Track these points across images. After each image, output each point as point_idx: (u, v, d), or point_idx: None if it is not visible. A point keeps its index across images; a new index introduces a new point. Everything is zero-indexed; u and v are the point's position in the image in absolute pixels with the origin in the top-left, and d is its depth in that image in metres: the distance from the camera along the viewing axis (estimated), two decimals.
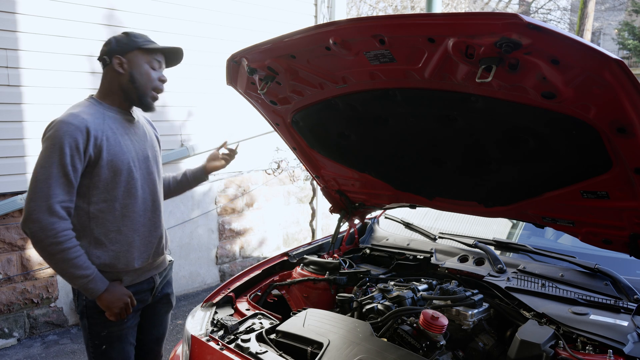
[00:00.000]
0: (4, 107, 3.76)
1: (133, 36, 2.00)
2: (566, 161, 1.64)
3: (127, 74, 1.98)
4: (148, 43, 2.01)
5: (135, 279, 2.06)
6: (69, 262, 1.84)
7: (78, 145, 1.84)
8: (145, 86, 2.00)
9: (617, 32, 16.31)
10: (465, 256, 2.25)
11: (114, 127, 1.97)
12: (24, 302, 3.99)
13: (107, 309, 1.94)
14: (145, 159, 2.08)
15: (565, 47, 1.26)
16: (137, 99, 2.02)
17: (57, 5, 3.94)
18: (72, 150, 1.83)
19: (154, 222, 2.09)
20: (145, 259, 2.06)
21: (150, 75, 2.01)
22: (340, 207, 2.70)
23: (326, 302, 2.24)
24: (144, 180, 2.05)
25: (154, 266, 2.15)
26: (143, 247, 2.05)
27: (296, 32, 1.69)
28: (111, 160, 1.92)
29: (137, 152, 2.04)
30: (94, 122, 1.90)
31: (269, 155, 5.60)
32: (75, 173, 1.86)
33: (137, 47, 1.98)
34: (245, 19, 5.16)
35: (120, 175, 1.95)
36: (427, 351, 1.66)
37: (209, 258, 5.25)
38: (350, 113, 1.98)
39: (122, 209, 1.98)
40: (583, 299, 1.80)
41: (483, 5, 19.00)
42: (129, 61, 1.98)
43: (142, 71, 1.99)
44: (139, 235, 2.03)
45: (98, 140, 1.89)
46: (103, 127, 1.93)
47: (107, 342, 2.03)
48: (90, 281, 1.88)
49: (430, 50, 1.47)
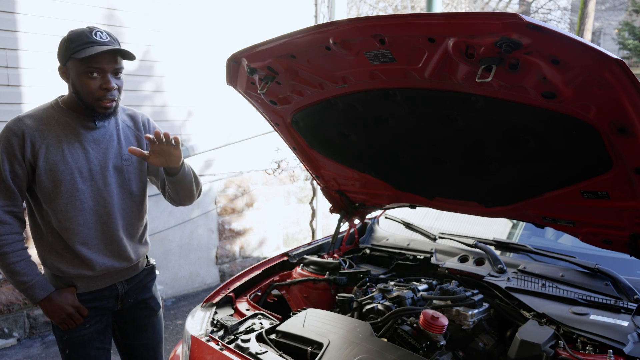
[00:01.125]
0: (4, 107, 3.76)
1: (69, 41, 1.79)
2: (566, 161, 1.64)
3: (71, 83, 1.86)
4: (81, 48, 1.77)
5: (91, 286, 2.00)
6: (7, 267, 1.84)
7: (14, 150, 1.80)
8: (87, 98, 1.83)
9: (618, 32, 16.31)
10: (466, 256, 2.25)
11: (62, 135, 1.86)
12: (24, 302, 3.99)
13: (48, 316, 1.93)
14: (103, 169, 1.94)
15: (566, 47, 1.26)
16: (85, 110, 1.88)
17: (57, 5, 3.94)
18: (9, 155, 1.79)
19: (108, 234, 1.98)
20: (100, 269, 1.97)
21: (89, 87, 1.81)
22: (340, 207, 2.70)
23: (326, 302, 2.24)
24: (96, 192, 1.93)
25: (116, 274, 2.06)
26: (98, 258, 1.96)
27: (296, 32, 1.69)
28: (50, 169, 1.83)
29: (90, 161, 1.91)
30: (35, 127, 1.82)
31: (269, 155, 5.60)
32: (16, 177, 1.81)
33: (70, 56, 1.79)
34: (245, 19, 5.16)
35: (60, 186, 1.85)
36: (427, 351, 1.66)
37: (209, 258, 5.25)
38: (350, 113, 1.98)
39: (65, 221, 1.89)
40: (583, 299, 1.80)
41: (483, 5, 19.00)
42: (69, 70, 1.84)
43: (82, 82, 1.81)
44: (90, 247, 1.94)
45: (36, 146, 1.82)
46: (46, 134, 1.83)
47: (69, 346, 2.00)
48: (29, 288, 1.86)
49: (430, 50, 1.47)
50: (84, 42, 1.77)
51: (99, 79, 1.82)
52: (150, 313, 2.23)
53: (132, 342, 2.22)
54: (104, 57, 1.80)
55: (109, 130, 1.98)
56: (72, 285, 1.97)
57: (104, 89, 1.83)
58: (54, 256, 1.94)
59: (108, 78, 1.83)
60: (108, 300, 2.07)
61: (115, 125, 2.01)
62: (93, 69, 1.80)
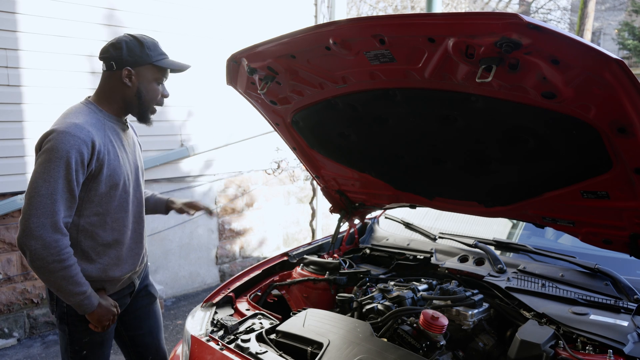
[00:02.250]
0: (4, 107, 3.76)
1: (147, 48, 1.88)
2: (566, 161, 1.64)
3: (135, 87, 1.90)
4: (161, 58, 1.91)
5: (118, 286, 2.03)
6: (69, 279, 1.76)
7: (84, 160, 1.75)
8: (150, 103, 1.95)
9: (617, 32, 16.32)
10: (465, 256, 2.25)
11: (114, 139, 1.90)
12: (24, 302, 3.99)
13: (97, 322, 1.89)
14: (136, 170, 2.02)
15: (566, 47, 1.26)
16: (138, 113, 1.97)
17: (57, 5, 3.94)
18: (77, 164, 1.73)
19: (139, 233, 2.05)
20: (130, 270, 2.03)
21: (156, 93, 1.94)
22: (340, 207, 2.70)
23: (326, 302, 2.24)
24: (134, 193, 2.01)
25: (136, 272, 2.12)
26: (130, 259, 2.02)
27: (296, 32, 1.69)
28: (110, 175, 1.86)
29: (130, 163, 1.98)
30: (97, 134, 1.81)
31: (269, 155, 5.60)
32: (78, 188, 1.78)
33: (149, 63, 1.88)
34: (245, 19, 5.16)
35: (116, 190, 1.89)
36: (427, 351, 1.66)
37: (209, 258, 5.25)
38: (350, 113, 1.98)
39: (113, 222, 1.92)
40: (583, 299, 1.80)
41: (483, 5, 19.00)
42: (138, 74, 1.89)
43: (150, 88, 1.92)
44: (126, 247, 1.99)
45: (101, 154, 1.81)
46: (105, 140, 1.85)
47: (89, 348, 1.98)
48: (86, 298, 1.82)
49: (430, 50, 1.47)
50: (161, 53, 1.93)
51: (161, 88, 1.98)
52: (151, 300, 2.27)
53: (136, 332, 2.23)
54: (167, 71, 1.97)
55: (131, 133, 2.08)
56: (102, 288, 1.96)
57: (164, 96, 2.00)
58: (87, 264, 1.89)
59: (165, 87, 2.00)
60: (126, 297, 2.11)
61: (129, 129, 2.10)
62: (164, 78, 1.96)
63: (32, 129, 3.90)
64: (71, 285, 1.77)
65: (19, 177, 3.86)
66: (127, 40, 1.88)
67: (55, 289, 1.81)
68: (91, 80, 4.19)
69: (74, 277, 1.77)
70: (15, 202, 3.84)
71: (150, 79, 1.91)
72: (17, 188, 3.86)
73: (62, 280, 1.76)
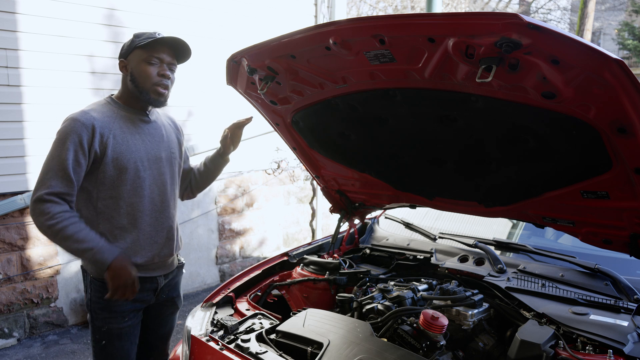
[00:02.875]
0: (4, 107, 3.76)
1: (136, 36, 2.03)
2: (566, 161, 1.64)
3: (129, 74, 2.03)
4: (146, 39, 2.00)
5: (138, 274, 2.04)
6: (70, 238, 1.87)
7: (82, 142, 1.90)
8: (144, 83, 2.02)
9: (617, 32, 16.32)
10: (465, 256, 2.25)
11: (124, 127, 2.02)
12: (24, 302, 3.99)
13: (112, 280, 1.92)
14: (157, 160, 2.11)
15: (566, 47, 1.26)
16: (140, 97, 2.05)
17: (57, 5, 3.94)
18: (75, 146, 1.89)
19: (161, 222, 2.11)
20: (149, 258, 2.07)
21: (147, 72, 2.01)
22: (340, 207, 2.70)
23: (326, 302, 2.24)
24: (152, 180, 2.08)
25: (159, 266, 2.14)
26: (148, 245, 2.07)
27: (296, 32, 1.69)
28: (116, 158, 1.97)
29: (148, 152, 2.07)
30: (102, 119, 1.96)
31: (269, 155, 5.60)
32: (78, 168, 1.91)
33: (135, 46, 2.01)
34: (245, 19, 5.16)
35: (125, 174, 1.99)
36: (427, 351, 1.66)
37: (209, 258, 5.25)
38: (350, 113, 1.98)
39: (127, 207, 2.01)
40: (583, 299, 1.80)
41: (483, 5, 19.01)
42: (130, 62, 2.03)
43: (140, 68, 2.01)
44: (144, 233, 2.05)
45: (104, 137, 1.94)
46: (111, 126, 1.98)
47: (107, 338, 2.05)
48: (97, 252, 1.90)
49: (430, 50, 1.47)
50: (149, 36, 2.00)
51: (157, 67, 2.02)
52: (174, 310, 2.33)
53: (151, 336, 2.28)
54: (164, 49, 2.02)
55: (158, 125, 2.17)
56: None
57: (161, 75, 2.03)
58: None
59: (165, 67, 2.04)
60: (148, 292, 2.13)
61: (161, 122, 2.21)
62: (153, 57, 2.00)
63: (32, 129, 3.90)
64: (75, 243, 1.88)
65: (19, 177, 3.87)
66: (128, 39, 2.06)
67: (68, 251, 1.94)
68: (91, 80, 4.19)
69: (75, 234, 1.87)
70: (15, 202, 3.84)
71: (139, 60, 2.01)
72: (17, 188, 3.86)
73: (66, 241, 1.88)
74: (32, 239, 4.00)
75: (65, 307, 4.23)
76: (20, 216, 3.91)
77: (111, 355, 2.06)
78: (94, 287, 2.04)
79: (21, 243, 3.94)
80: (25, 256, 3.97)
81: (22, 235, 3.93)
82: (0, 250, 3.86)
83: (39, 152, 3.95)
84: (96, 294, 2.02)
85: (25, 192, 3.88)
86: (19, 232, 3.92)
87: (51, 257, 4.11)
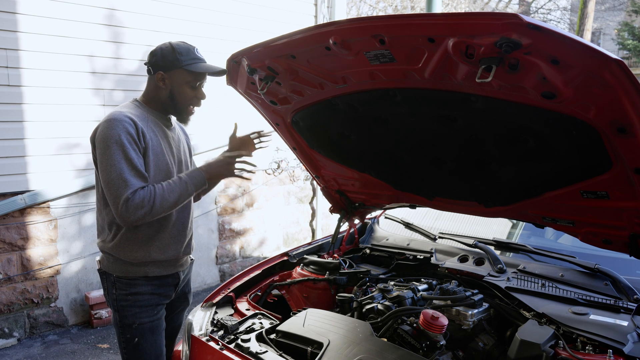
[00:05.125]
0: (4, 107, 3.77)
1: (178, 53, 2.03)
2: (566, 161, 1.64)
3: (168, 90, 2.06)
4: (192, 63, 2.03)
5: (162, 271, 2.10)
6: (169, 199, 1.93)
7: (132, 136, 1.92)
8: (182, 102, 2.08)
9: (617, 32, 16.32)
10: (465, 256, 2.25)
11: (155, 130, 2.06)
12: (24, 302, 3.99)
13: (225, 175, 2.14)
14: (180, 164, 2.18)
15: (565, 47, 1.26)
16: (174, 113, 2.13)
17: (57, 5, 3.94)
18: (129, 142, 1.91)
19: (183, 222, 2.17)
20: (174, 254, 2.12)
21: (188, 95, 2.07)
22: (340, 207, 2.70)
23: (326, 302, 2.24)
24: None
25: (180, 263, 2.19)
26: (173, 244, 2.12)
27: (296, 32, 1.69)
28: (155, 158, 2.01)
29: (175, 155, 2.14)
30: (139, 121, 1.99)
31: (269, 155, 5.60)
32: (139, 160, 1.94)
33: (180, 67, 2.02)
34: (245, 19, 5.16)
35: (160, 175, 2.03)
36: (427, 351, 1.66)
37: (209, 258, 5.25)
38: (350, 113, 1.98)
39: None
40: (583, 299, 1.80)
41: (483, 5, 19.01)
42: (170, 78, 2.04)
43: (182, 91, 2.06)
44: (170, 233, 2.10)
45: (146, 136, 1.98)
46: (147, 129, 2.01)
47: (139, 334, 2.05)
48: (192, 184, 2.00)
49: (430, 50, 1.47)
50: (193, 58, 2.05)
51: (196, 90, 2.09)
52: (185, 306, 2.37)
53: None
54: (206, 75, 2.09)
55: (177, 131, 2.25)
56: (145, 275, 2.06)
57: (199, 99, 2.11)
58: (131, 244, 2.02)
59: (202, 90, 2.11)
60: (170, 288, 2.16)
61: (177, 129, 2.26)
62: (197, 82, 2.07)
63: (32, 129, 3.90)
64: (175, 194, 1.96)
65: (19, 177, 3.87)
66: (163, 47, 2.05)
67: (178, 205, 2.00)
68: (91, 80, 4.19)
69: (169, 194, 1.94)
70: (15, 202, 3.84)
71: (182, 82, 2.04)
72: (17, 188, 3.86)
73: (171, 203, 1.95)
74: (32, 239, 4.00)
75: (66, 307, 4.23)
76: (21, 216, 3.92)
77: (146, 352, 2.07)
78: (119, 286, 2.05)
79: (21, 243, 3.94)
80: (26, 256, 3.98)
81: (22, 235, 3.93)
82: (1, 250, 3.86)
83: (39, 152, 3.95)
84: (122, 292, 2.04)
85: (26, 192, 3.89)
86: (19, 232, 3.92)
87: (51, 257, 4.12)
